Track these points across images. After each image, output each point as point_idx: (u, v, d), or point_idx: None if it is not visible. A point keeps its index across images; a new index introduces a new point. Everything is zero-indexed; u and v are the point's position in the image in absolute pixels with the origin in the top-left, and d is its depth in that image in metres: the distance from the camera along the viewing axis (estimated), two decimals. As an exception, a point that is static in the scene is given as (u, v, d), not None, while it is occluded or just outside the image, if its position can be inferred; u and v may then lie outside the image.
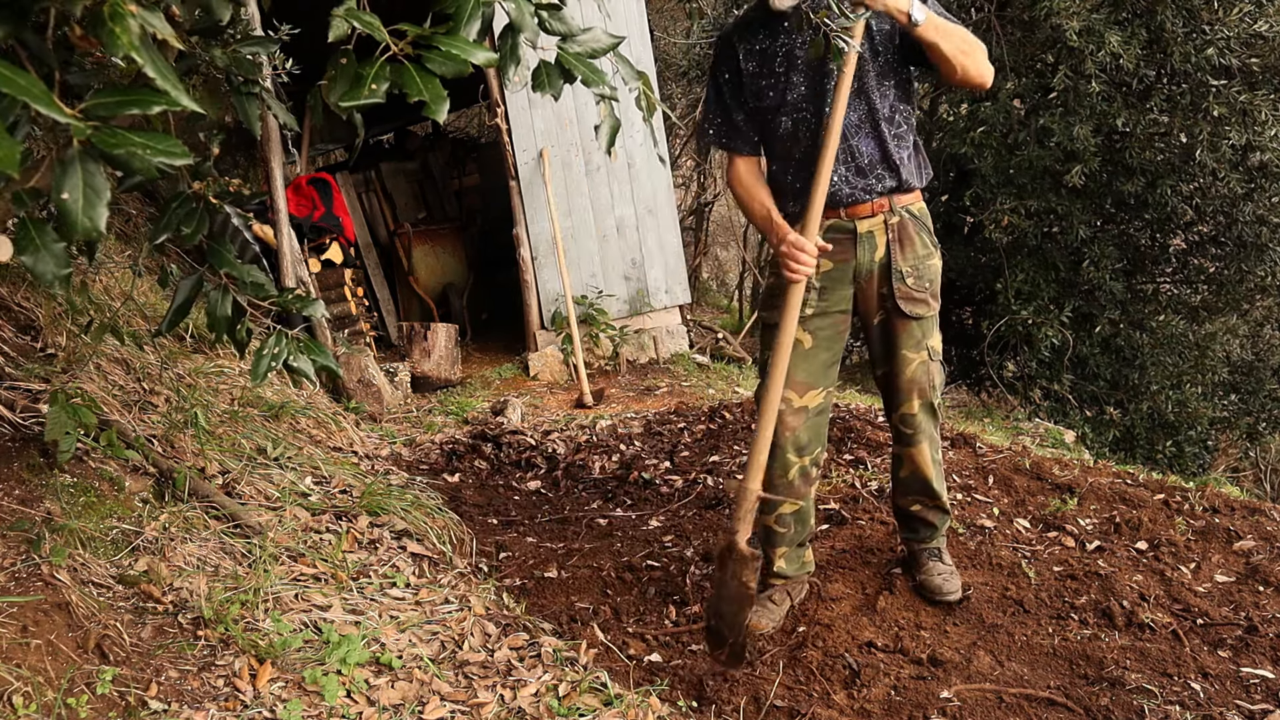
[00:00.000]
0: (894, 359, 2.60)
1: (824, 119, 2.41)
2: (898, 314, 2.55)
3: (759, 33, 2.47)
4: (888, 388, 2.67)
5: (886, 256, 2.52)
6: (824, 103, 2.42)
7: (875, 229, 2.51)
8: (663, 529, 3.47)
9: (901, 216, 2.52)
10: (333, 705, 2.24)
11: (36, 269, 1.07)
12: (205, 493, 2.97)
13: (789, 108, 2.47)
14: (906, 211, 2.53)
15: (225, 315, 1.79)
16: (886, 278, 2.52)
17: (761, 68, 2.47)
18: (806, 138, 2.47)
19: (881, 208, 2.50)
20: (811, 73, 2.43)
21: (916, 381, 2.61)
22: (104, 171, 1.01)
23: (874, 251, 2.52)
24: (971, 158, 7.27)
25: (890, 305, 2.54)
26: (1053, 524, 3.21)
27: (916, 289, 2.54)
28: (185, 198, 1.65)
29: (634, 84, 1.77)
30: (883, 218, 2.51)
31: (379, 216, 7.79)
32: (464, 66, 1.35)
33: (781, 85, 2.45)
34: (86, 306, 3.57)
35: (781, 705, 2.30)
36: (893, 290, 2.52)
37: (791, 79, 2.45)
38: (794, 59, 2.43)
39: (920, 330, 2.58)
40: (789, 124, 2.48)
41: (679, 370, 6.49)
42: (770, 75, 2.46)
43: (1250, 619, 2.56)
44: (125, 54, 0.97)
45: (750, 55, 2.48)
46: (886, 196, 2.50)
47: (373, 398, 5.23)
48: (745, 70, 2.49)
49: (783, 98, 2.46)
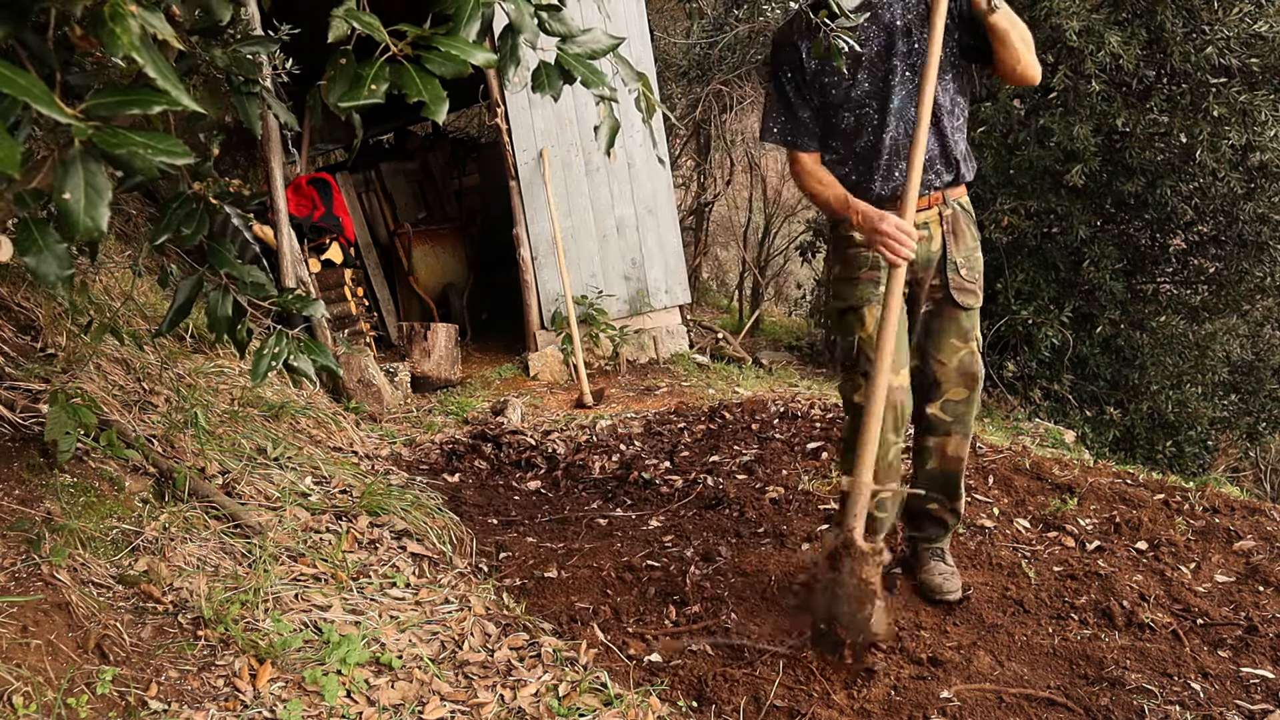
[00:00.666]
0: (940, 348, 2.62)
1: (886, 113, 2.47)
2: (949, 304, 2.59)
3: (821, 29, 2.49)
4: (927, 378, 2.66)
5: (942, 248, 2.57)
6: (887, 97, 2.47)
7: (930, 221, 2.56)
8: (663, 529, 3.47)
9: (954, 209, 2.58)
10: (333, 705, 2.24)
11: (39, 270, 1.07)
12: (205, 493, 2.97)
13: (852, 104, 2.51)
14: (959, 204, 2.60)
15: (225, 315, 1.80)
16: (941, 269, 2.58)
17: (824, 64, 2.49)
18: (869, 132, 2.52)
19: (937, 200, 2.56)
20: (874, 68, 2.48)
21: (964, 369, 2.63)
22: (105, 171, 1.01)
23: (929, 243, 2.56)
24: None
25: (942, 295, 2.59)
26: (1053, 524, 3.22)
27: (969, 279, 2.60)
28: (185, 198, 1.65)
29: (634, 85, 1.77)
30: (938, 210, 2.56)
31: (379, 216, 7.79)
32: (463, 67, 1.35)
33: (845, 82, 2.49)
34: (86, 306, 3.57)
35: (781, 705, 2.30)
36: (946, 281, 2.57)
37: (855, 75, 2.49)
38: (857, 56, 2.46)
39: (968, 321, 2.62)
40: (851, 119, 2.53)
41: (679, 370, 6.49)
42: (834, 71, 2.48)
43: (1250, 619, 2.56)
44: (125, 54, 0.97)
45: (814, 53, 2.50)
46: (942, 190, 2.55)
47: (373, 398, 5.23)
48: (808, 68, 2.52)
49: (846, 94, 2.51)
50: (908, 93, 2.48)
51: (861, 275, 2.60)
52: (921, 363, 2.66)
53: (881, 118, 2.49)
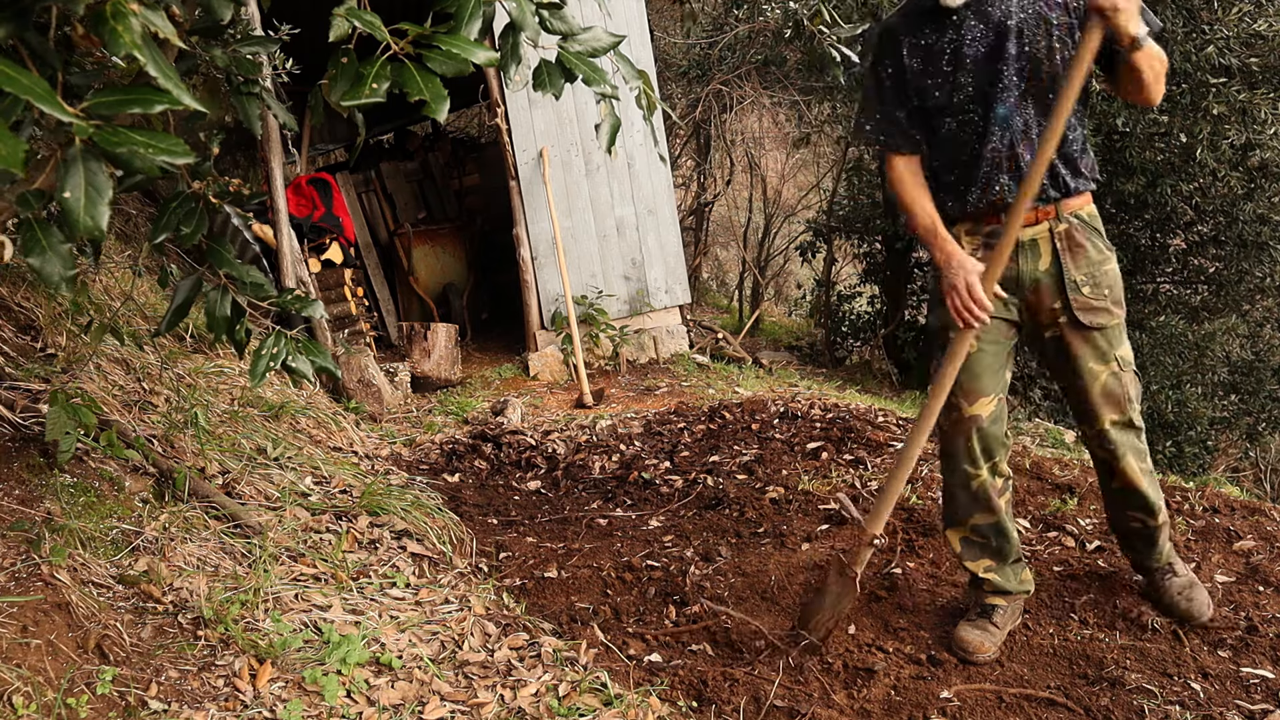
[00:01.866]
0: (1079, 373, 2.40)
1: (990, 121, 2.29)
2: (1076, 326, 2.36)
3: (925, 27, 2.32)
4: (1076, 403, 2.47)
5: (1055, 266, 2.35)
6: (991, 103, 2.28)
7: (1039, 237, 2.35)
8: (663, 529, 3.47)
9: (1069, 223, 2.35)
10: (333, 705, 2.23)
11: (44, 270, 1.07)
12: (205, 493, 2.97)
13: (954, 108, 2.33)
14: (1075, 217, 2.36)
15: (224, 316, 1.80)
16: (1059, 289, 2.35)
17: (927, 65, 2.32)
18: (972, 139, 2.33)
19: (1047, 215, 2.33)
20: (979, 71, 2.27)
21: (1110, 396, 2.39)
22: (105, 170, 1.01)
23: (1037, 261, 2.36)
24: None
25: (1067, 318, 2.36)
26: (1053, 524, 3.21)
27: (1095, 298, 2.35)
28: (185, 197, 1.65)
29: (634, 83, 1.77)
30: (1047, 225, 2.34)
31: (379, 216, 7.79)
32: (465, 66, 1.35)
33: (948, 85, 2.31)
34: (86, 306, 3.57)
35: (781, 705, 2.30)
36: (1068, 302, 2.34)
37: (958, 79, 2.30)
38: (962, 57, 2.28)
39: (1105, 340, 2.38)
40: (953, 125, 2.35)
41: (679, 370, 6.49)
42: (936, 74, 2.32)
43: (1250, 619, 2.56)
44: (127, 52, 0.97)
45: (915, 51, 2.33)
46: (1053, 204, 2.33)
47: (373, 398, 5.23)
48: (909, 67, 2.34)
49: (949, 98, 2.32)
50: (1015, 100, 2.27)
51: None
52: (1067, 389, 2.47)
53: (985, 125, 2.30)
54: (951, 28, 2.28)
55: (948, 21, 2.28)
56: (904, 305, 9.60)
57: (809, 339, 10.73)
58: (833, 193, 10.55)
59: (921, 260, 9.63)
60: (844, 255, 11.22)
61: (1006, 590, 2.55)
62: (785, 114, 9.61)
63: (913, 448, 2.38)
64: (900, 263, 9.44)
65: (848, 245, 10.55)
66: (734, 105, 8.68)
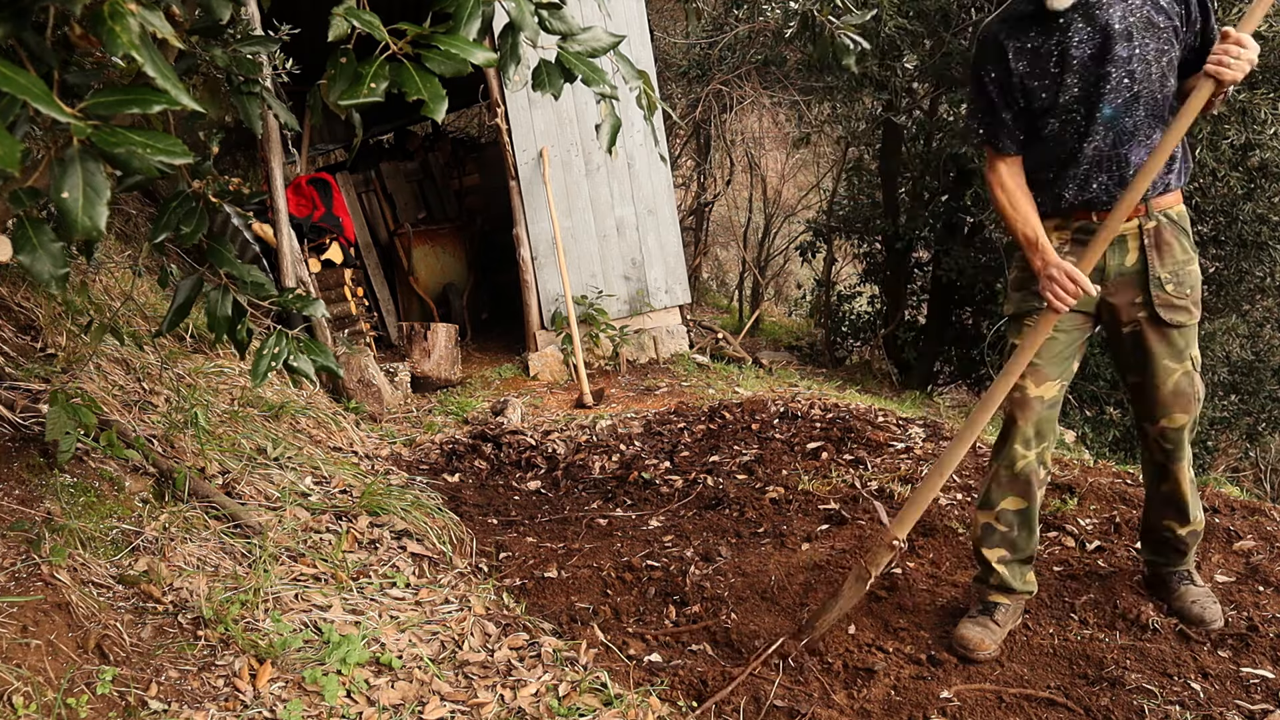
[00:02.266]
0: (1153, 370, 2.43)
1: (1093, 122, 2.32)
2: (1156, 323, 2.39)
3: (1030, 30, 2.34)
4: (1144, 399, 2.49)
5: (1141, 262, 2.38)
6: (1095, 104, 2.31)
7: (1128, 233, 2.37)
8: (663, 529, 3.47)
9: (1158, 221, 2.37)
10: (333, 705, 2.23)
11: (33, 268, 1.07)
12: (205, 493, 2.97)
13: (1059, 109, 2.35)
14: (1164, 216, 2.38)
15: (225, 315, 1.80)
16: (1143, 285, 2.38)
17: (1033, 67, 2.35)
18: (1073, 140, 2.36)
19: (1138, 212, 2.35)
20: (1086, 72, 2.30)
21: (1180, 394, 2.42)
22: (104, 170, 1.01)
23: (1124, 256, 2.38)
24: (971, 158, 7.28)
25: (1148, 314, 2.39)
26: (1053, 524, 3.21)
27: (1177, 296, 2.38)
28: (185, 196, 1.65)
29: (634, 83, 1.77)
30: (1137, 222, 2.36)
31: (379, 216, 7.79)
32: (463, 65, 1.35)
33: (1054, 86, 2.34)
34: (86, 306, 3.57)
35: (781, 705, 2.30)
36: (1150, 298, 2.37)
37: (1065, 80, 2.32)
38: (1069, 59, 2.30)
39: (1182, 339, 2.41)
40: (1056, 126, 2.37)
41: (679, 370, 6.49)
42: (1043, 75, 2.34)
43: (1250, 619, 2.56)
44: (125, 52, 0.97)
45: (1020, 54, 2.36)
46: (1144, 202, 2.35)
47: (373, 398, 5.23)
48: (1015, 70, 2.37)
49: (1054, 99, 2.35)
50: (1123, 102, 2.29)
51: (1033, 286, 2.45)
52: (1137, 385, 2.49)
53: (1088, 126, 2.32)
54: (1058, 30, 2.31)
55: (1054, 24, 2.31)
56: (904, 305, 9.60)
57: (809, 339, 10.74)
58: (833, 193, 10.56)
59: (921, 260, 9.63)
60: (844, 255, 11.22)
61: (1011, 588, 2.57)
62: (785, 114, 9.61)
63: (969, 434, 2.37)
64: (900, 263, 9.44)
65: (848, 245, 10.56)
66: (734, 105, 8.68)
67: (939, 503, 3.37)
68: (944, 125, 8.65)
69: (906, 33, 7.32)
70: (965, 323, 9.16)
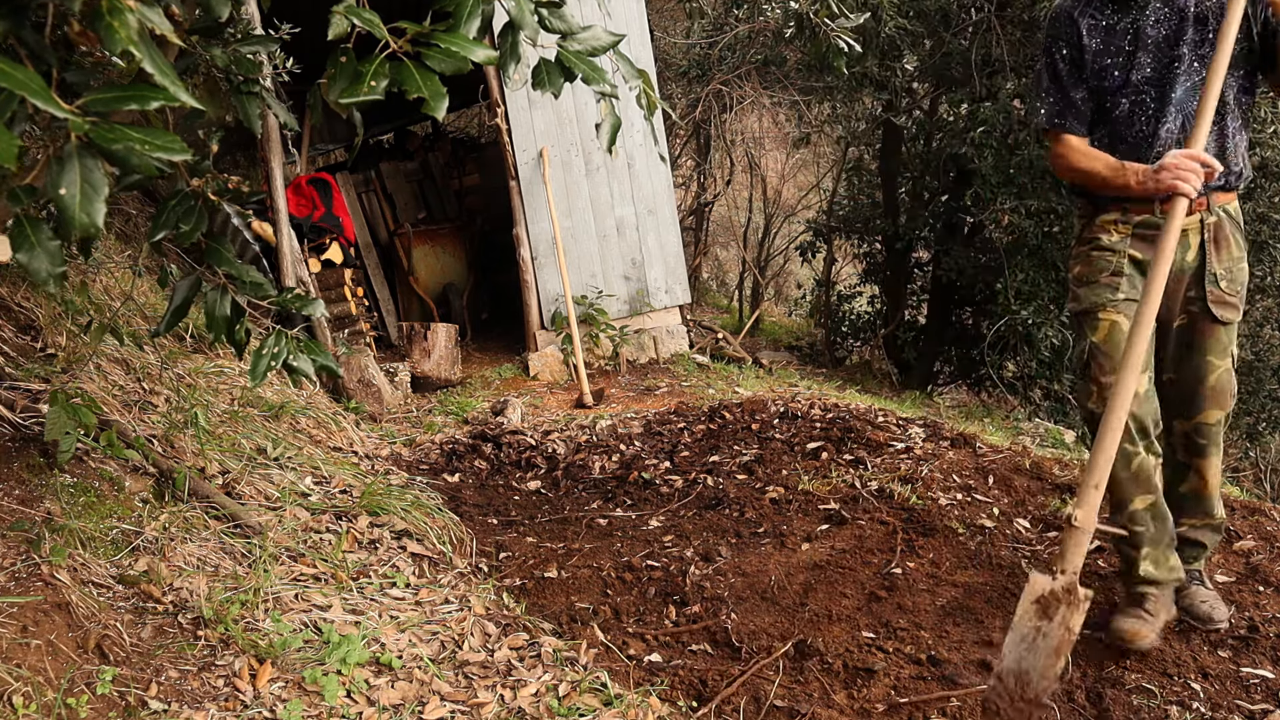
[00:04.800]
0: (1197, 364, 2.44)
1: (1165, 103, 2.32)
2: (1207, 318, 2.41)
3: (1105, 8, 2.37)
4: (1180, 395, 2.47)
5: (1200, 257, 2.39)
6: (1168, 85, 2.32)
7: (1190, 228, 2.38)
8: (663, 529, 3.47)
9: (1219, 216, 2.40)
10: (333, 705, 2.23)
11: (31, 266, 1.07)
12: (205, 493, 2.97)
13: (1131, 89, 2.36)
14: (1224, 211, 2.41)
15: (223, 316, 1.79)
16: (1198, 280, 2.40)
17: (1106, 45, 2.37)
18: (1142, 121, 2.37)
19: (1200, 206, 2.37)
20: (1160, 52, 2.32)
21: (1220, 389, 2.44)
22: (102, 168, 1.01)
23: (1186, 251, 2.39)
24: (971, 158, 7.27)
25: (1198, 308, 2.41)
26: (1053, 524, 3.21)
27: (1229, 292, 2.41)
28: (183, 195, 1.64)
29: (634, 82, 1.76)
30: (1199, 217, 2.38)
31: (379, 216, 7.79)
32: (463, 64, 1.35)
33: (1126, 65, 2.35)
34: (86, 306, 3.57)
35: (781, 705, 2.30)
36: (1204, 293, 2.39)
37: (1138, 58, 2.34)
38: (1143, 37, 2.32)
39: (1228, 336, 2.43)
40: (1127, 106, 2.38)
41: (679, 370, 6.49)
42: (1117, 53, 2.36)
43: (1250, 619, 2.56)
44: (123, 49, 0.97)
45: (1094, 31, 2.38)
46: (1207, 195, 2.36)
47: (373, 398, 5.23)
48: (1088, 47, 2.38)
49: (1126, 78, 2.36)
50: (1193, 84, 2.31)
51: (1101, 279, 2.44)
52: (1177, 379, 2.48)
53: (1159, 107, 2.34)
54: (1135, 9, 2.34)
55: (1132, 3, 2.34)
56: (904, 305, 9.60)
57: (809, 339, 10.73)
58: (833, 193, 10.55)
59: (921, 260, 9.64)
60: (844, 255, 11.22)
61: (1157, 580, 2.47)
62: (785, 114, 9.61)
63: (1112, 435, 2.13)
64: (900, 263, 9.44)
65: (848, 245, 10.56)
66: (734, 105, 8.67)
67: (939, 503, 3.37)
68: (944, 125, 8.65)
69: (906, 33, 7.32)
70: (965, 323, 9.16)
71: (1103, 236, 2.45)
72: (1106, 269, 2.44)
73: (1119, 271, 2.42)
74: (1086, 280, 2.48)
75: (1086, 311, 2.46)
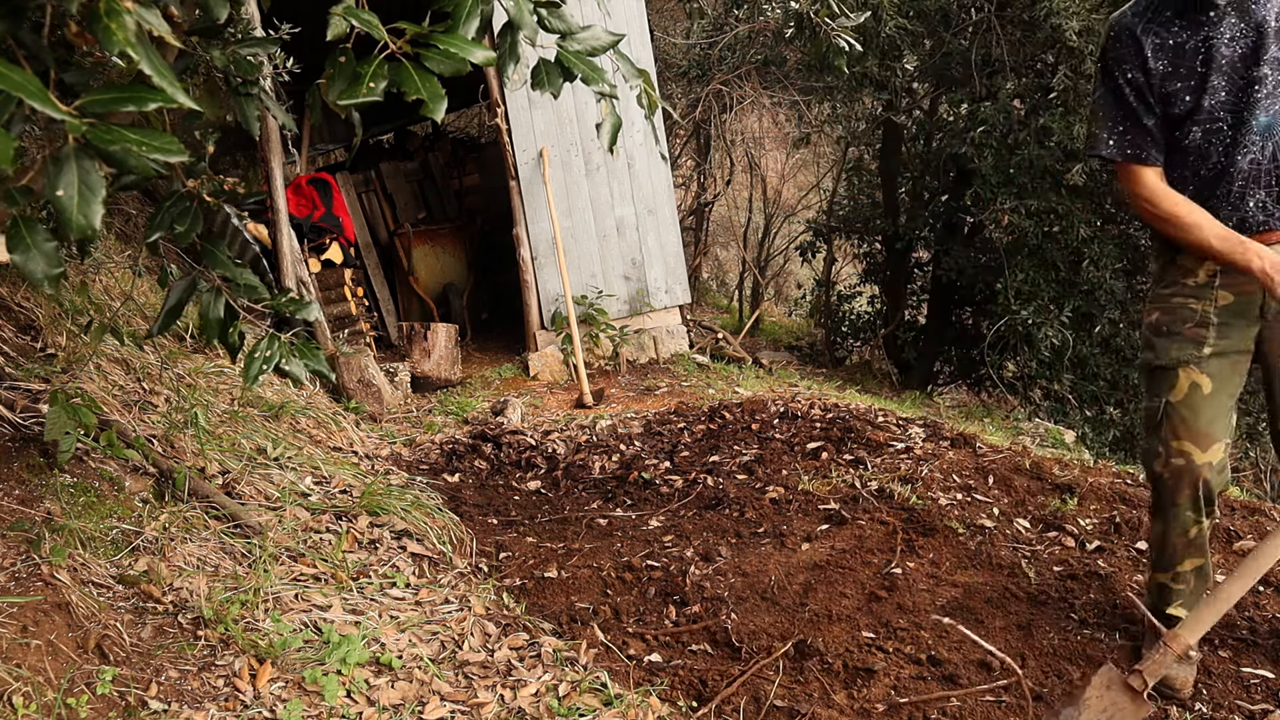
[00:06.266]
0: None
1: (1243, 129, 2.08)
2: None
3: (1173, 25, 2.10)
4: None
5: None
6: (1245, 111, 2.07)
7: None
8: (663, 529, 3.47)
9: None
10: (333, 705, 2.23)
11: (26, 268, 1.07)
12: (205, 493, 2.97)
13: (1204, 115, 2.10)
14: None
15: (217, 318, 1.79)
16: None
17: (1175, 67, 2.10)
18: (1218, 152, 2.11)
19: None
20: (1235, 74, 2.06)
21: None
22: (99, 169, 1.01)
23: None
24: (971, 158, 7.27)
25: None
26: (1053, 524, 3.21)
27: None
28: (179, 196, 1.64)
29: (634, 82, 1.76)
30: None
31: (379, 216, 7.80)
32: (462, 65, 1.35)
33: (1197, 89, 2.09)
34: (86, 306, 3.57)
35: (781, 705, 2.30)
36: None
37: (1210, 81, 2.07)
38: (1217, 58, 2.06)
39: None
40: (1198, 134, 2.12)
41: (679, 370, 6.49)
42: (1187, 76, 2.09)
43: (1250, 619, 2.56)
44: (121, 50, 0.97)
45: (1161, 52, 2.10)
46: None
47: (373, 398, 5.23)
48: (1153, 70, 2.11)
49: (1197, 102, 2.09)
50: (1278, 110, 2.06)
51: (1184, 330, 2.19)
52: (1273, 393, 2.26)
53: (1235, 134, 2.08)
54: (1207, 24, 2.08)
55: (1203, 18, 2.08)
56: (904, 305, 9.60)
57: (809, 339, 10.74)
58: (833, 193, 10.56)
59: (921, 260, 9.64)
60: (844, 255, 11.22)
61: None
62: (785, 114, 9.61)
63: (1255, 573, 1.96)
64: (900, 263, 9.44)
65: (848, 245, 10.56)
66: (734, 105, 8.68)
67: (939, 503, 3.37)
68: (944, 125, 8.65)
69: (906, 33, 7.32)
70: (965, 323, 9.16)
71: (1187, 280, 2.19)
72: (1191, 319, 2.19)
73: (1205, 322, 2.17)
74: (1167, 330, 2.22)
75: (1166, 367, 2.21)
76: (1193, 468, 2.18)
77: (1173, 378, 2.20)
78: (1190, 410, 2.16)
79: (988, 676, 2.39)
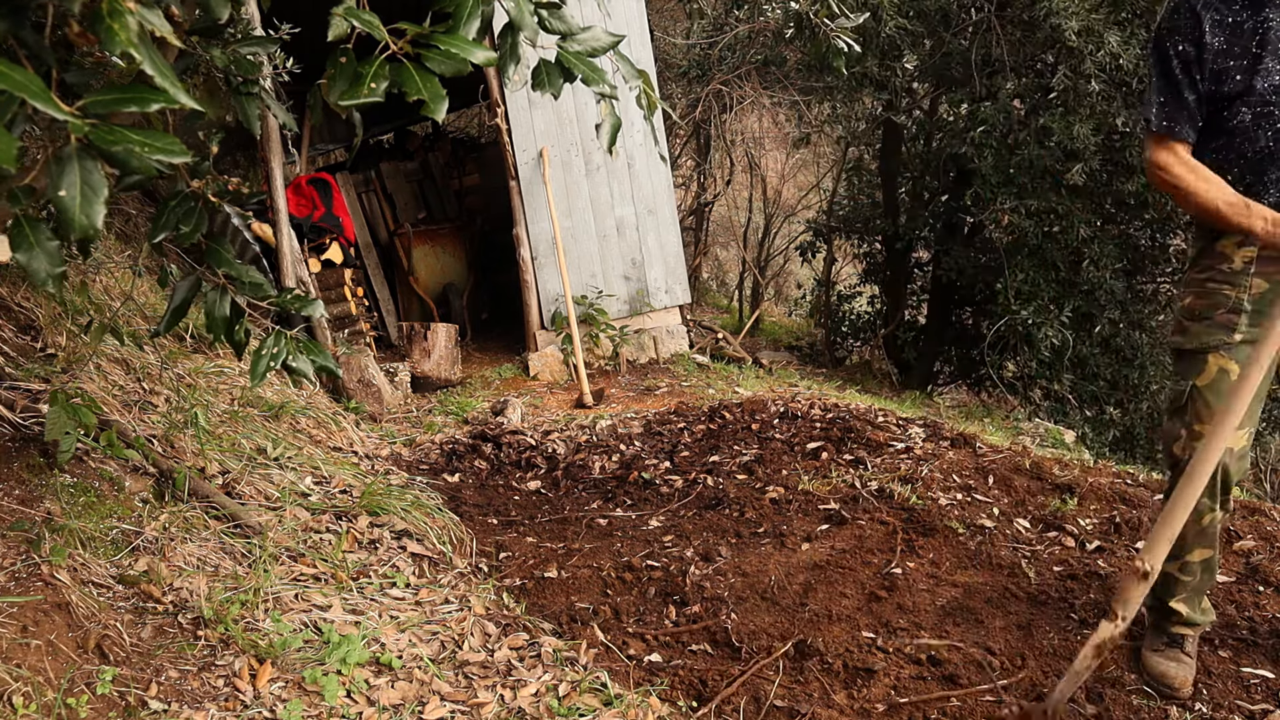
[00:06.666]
0: None
1: None
2: None
3: (1234, 3, 2.11)
4: None
5: None
6: None
7: None
8: (663, 529, 3.47)
9: None
10: (333, 705, 2.23)
11: (30, 267, 1.07)
12: (205, 493, 2.97)
13: (1255, 97, 2.10)
14: None
15: (223, 316, 1.79)
16: None
17: (1231, 45, 2.09)
18: (1268, 136, 2.10)
19: None
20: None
21: None
22: (101, 169, 1.01)
23: None
24: (971, 158, 7.27)
25: None
26: (1053, 524, 3.21)
27: None
28: (183, 196, 1.65)
29: (634, 82, 1.77)
30: None
31: (379, 216, 7.79)
32: (463, 65, 1.35)
33: (1250, 69, 2.08)
34: (86, 306, 3.57)
35: (781, 705, 2.30)
36: None
37: (1265, 63, 2.07)
38: (1272, 39, 2.06)
39: None
40: (1248, 116, 2.12)
41: (679, 370, 6.49)
42: (1241, 55, 2.09)
43: (1250, 619, 2.56)
44: (123, 50, 0.97)
45: (1219, 28, 2.10)
46: None
47: (373, 398, 5.23)
48: (1210, 45, 2.10)
49: (1249, 84, 2.09)
50: None
51: (1216, 316, 2.18)
52: None
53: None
54: (1268, 5, 2.08)
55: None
56: (904, 305, 9.60)
57: (809, 339, 10.74)
58: (833, 193, 10.56)
59: (921, 260, 9.64)
60: (844, 255, 11.22)
61: (1194, 623, 2.40)
62: (785, 114, 9.61)
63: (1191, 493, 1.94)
64: (900, 263, 9.44)
65: (848, 245, 10.56)
66: (734, 105, 8.68)
67: (939, 503, 3.37)
68: (944, 125, 8.65)
69: (906, 33, 7.32)
70: (965, 323, 9.16)
71: (1222, 265, 2.18)
72: (1224, 305, 2.18)
73: (1238, 308, 2.16)
74: (1199, 315, 2.21)
75: (1196, 351, 2.21)
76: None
77: (1201, 362, 2.20)
78: (1216, 396, 2.15)
79: (988, 676, 2.39)
